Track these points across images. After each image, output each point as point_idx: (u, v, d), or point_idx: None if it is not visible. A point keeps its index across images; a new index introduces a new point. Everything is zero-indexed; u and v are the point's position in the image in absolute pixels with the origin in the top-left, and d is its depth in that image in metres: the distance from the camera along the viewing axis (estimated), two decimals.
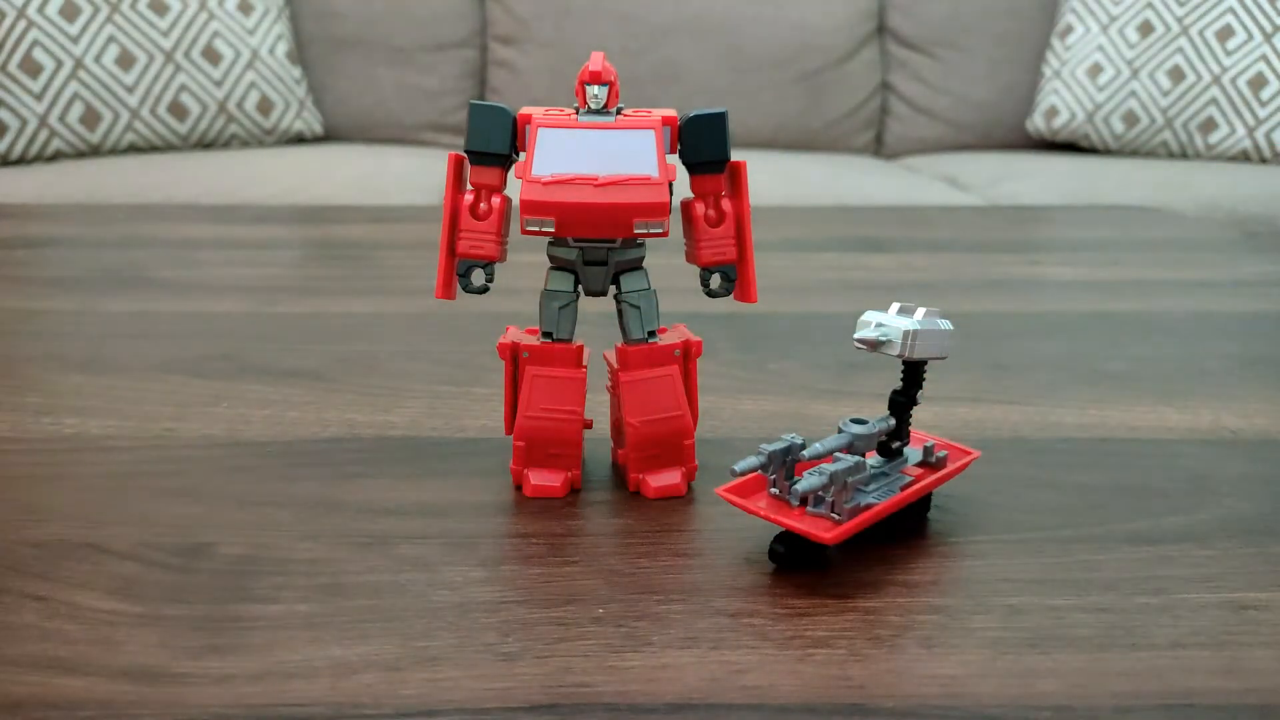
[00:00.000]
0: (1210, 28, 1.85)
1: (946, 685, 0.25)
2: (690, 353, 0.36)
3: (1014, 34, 2.04)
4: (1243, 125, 1.85)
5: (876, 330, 0.31)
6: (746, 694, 0.25)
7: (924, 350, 0.31)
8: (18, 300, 0.62)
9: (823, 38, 1.99)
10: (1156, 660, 0.26)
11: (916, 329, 0.31)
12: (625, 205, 0.32)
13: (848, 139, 2.05)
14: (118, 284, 0.66)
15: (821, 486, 0.29)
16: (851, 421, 0.32)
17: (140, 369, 0.49)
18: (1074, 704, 0.24)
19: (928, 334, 0.31)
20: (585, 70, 0.33)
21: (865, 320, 0.31)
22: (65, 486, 0.37)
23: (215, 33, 1.74)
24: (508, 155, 0.34)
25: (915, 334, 0.31)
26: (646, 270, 0.35)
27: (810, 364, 0.51)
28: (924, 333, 0.31)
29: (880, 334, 0.31)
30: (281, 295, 0.64)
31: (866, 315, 0.31)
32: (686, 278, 0.37)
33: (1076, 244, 0.88)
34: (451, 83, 1.98)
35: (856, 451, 0.31)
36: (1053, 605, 0.29)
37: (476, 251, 0.34)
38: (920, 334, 0.31)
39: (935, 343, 0.32)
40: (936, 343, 0.32)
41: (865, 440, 0.32)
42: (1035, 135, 2.01)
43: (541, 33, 1.95)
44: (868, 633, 0.27)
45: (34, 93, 1.62)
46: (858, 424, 0.32)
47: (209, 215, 0.93)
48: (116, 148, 1.70)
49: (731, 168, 0.35)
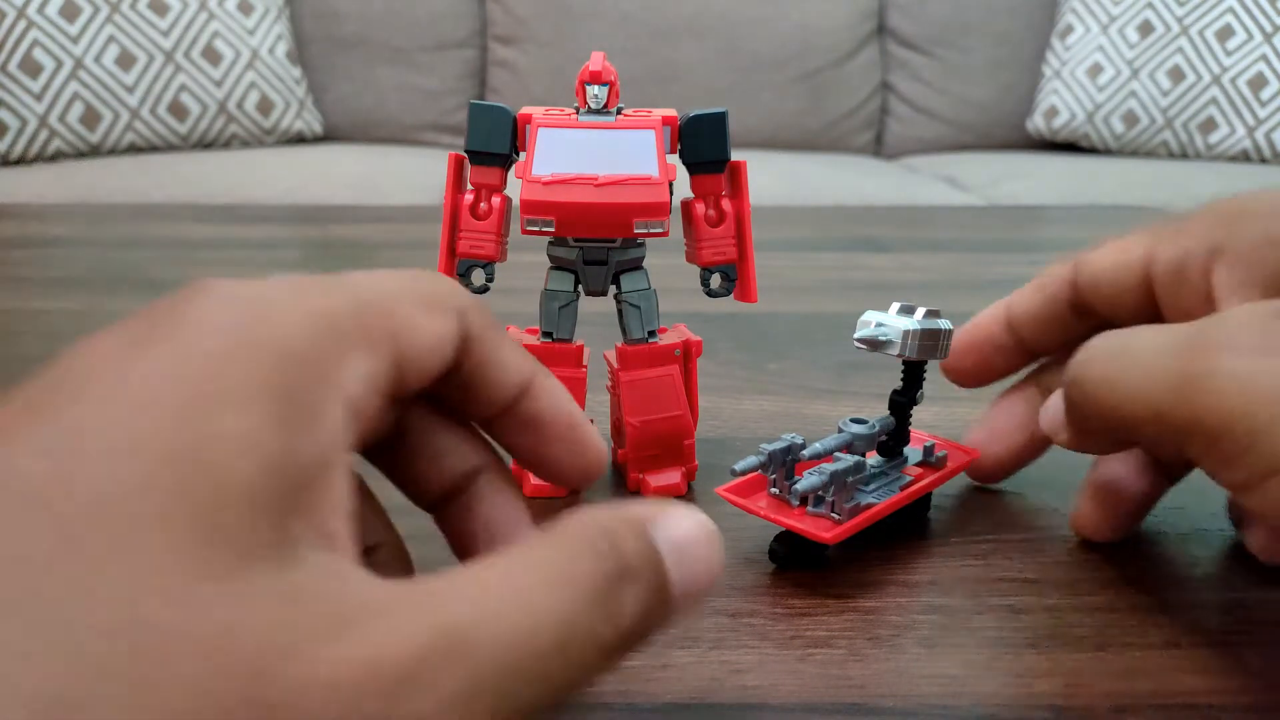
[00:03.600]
0: (1210, 28, 1.85)
1: (946, 685, 0.25)
2: (690, 352, 0.36)
3: (1014, 34, 2.04)
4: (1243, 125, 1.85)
5: (876, 330, 0.31)
6: (746, 694, 0.25)
7: (921, 350, 0.31)
8: (18, 300, 0.62)
9: (823, 38, 1.99)
10: (1154, 660, 0.26)
11: (916, 329, 0.31)
12: (625, 205, 0.32)
13: (848, 139, 2.05)
14: (118, 284, 0.66)
15: (821, 486, 0.29)
16: (851, 421, 0.32)
17: None
18: (1073, 704, 0.24)
19: (928, 334, 0.31)
20: (585, 70, 0.33)
21: (865, 320, 0.31)
22: None
23: (215, 33, 1.74)
24: (508, 155, 0.34)
25: (915, 334, 0.31)
26: (646, 270, 0.35)
27: (810, 364, 0.51)
28: (924, 332, 0.31)
29: (880, 334, 0.31)
30: None
31: (866, 315, 0.31)
32: (686, 278, 0.37)
33: (1076, 244, 0.87)
34: (451, 83, 1.99)
35: (856, 451, 0.31)
36: (1052, 605, 0.29)
37: (477, 251, 0.34)
38: (920, 333, 0.31)
39: (933, 343, 0.32)
40: (935, 343, 0.32)
41: (865, 440, 0.32)
42: (1035, 135, 2.01)
43: (541, 33, 1.95)
44: (868, 632, 0.27)
45: (34, 93, 1.62)
46: (858, 424, 0.32)
47: (209, 215, 0.93)
48: (116, 148, 1.70)
49: (732, 168, 0.35)
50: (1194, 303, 0.29)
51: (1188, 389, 0.23)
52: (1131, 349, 0.26)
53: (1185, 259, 0.30)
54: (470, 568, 0.17)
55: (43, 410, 0.17)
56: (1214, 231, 0.29)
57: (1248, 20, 1.82)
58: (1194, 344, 0.24)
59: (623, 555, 0.18)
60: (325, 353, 0.19)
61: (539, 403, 0.23)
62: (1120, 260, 0.32)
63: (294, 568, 0.16)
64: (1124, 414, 0.25)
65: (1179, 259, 0.30)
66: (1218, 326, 0.24)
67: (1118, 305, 0.32)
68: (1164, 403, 0.24)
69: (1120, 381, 0.25)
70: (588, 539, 0.18)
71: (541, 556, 0.18)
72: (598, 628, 0.17)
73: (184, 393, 0.17)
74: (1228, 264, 0.28)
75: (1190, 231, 0.30)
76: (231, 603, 0.15)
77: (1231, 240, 0.28)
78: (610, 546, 0.18)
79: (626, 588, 0.18)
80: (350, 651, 0.15)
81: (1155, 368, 0.24)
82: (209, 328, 0.18)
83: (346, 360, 0.19)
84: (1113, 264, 0.32)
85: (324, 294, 0.20)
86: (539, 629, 0.17)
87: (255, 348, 0.18)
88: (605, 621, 0.18)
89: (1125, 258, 0.32)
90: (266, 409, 0.17)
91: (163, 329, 0.18)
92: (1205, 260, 0.29)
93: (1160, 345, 0.25)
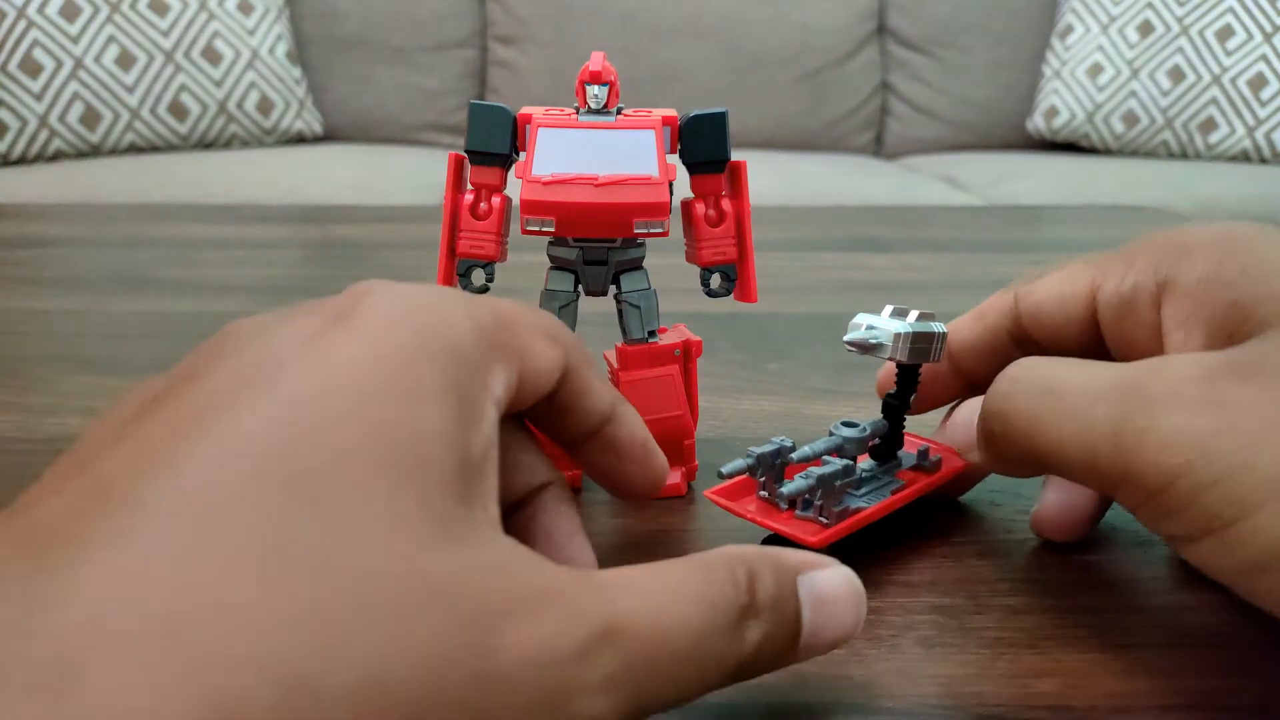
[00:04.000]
0: (1210, 28, 1.85)
1: (946, 685, 0.25)
2: (690, 353, 0.36)
3: (1014, 34, 2.04)
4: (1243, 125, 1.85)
5: (867, 333, 0.31)
6: (747, 694, 0.25)
7: (913, 354, 0.31)
8: (19, 300, 0.62)
9: (823, 38, 1.99)
10: (1155, 659, 0.26)
11: (908, 331, 0.31)
12: (625, 205, 0.32)
13: (848, 139, 2.05)
14: (119, 284, 0.66)
15: (808, 490, 0.29)
16: (843, 424, 0.32)
17: (144, 369, 0.49)
18: (1073, 704, 0.24)
19: (920, 337, 0.31)
20: (585, 70, 0.33)
21: (856, 323, 0.31)
22: None
23: (215, 33, 1.74)
24: (508, 155, 0.34)
25: (906, 336, 0.31)
26: (646, 270, 0.35)
27: (810, 364, 0.51)
28: (916, 335, 0.31)
29: (870, 336, 0.31)
30: (282, 295, 0.64)
31: (858, 318, 0.31)
32: (686, 278, 0.37)
33: (1076, 244, 0.88)
34: (451, 83, 1.99)
35: (847, 454, 0.31)
36: (1052, 605, 0.29)
37: (477, 251, 0.34)
38: (912, 336, 0.31)
39: (926, 346, 0.32)
40: (927, 346, 0.32)
41: (855, 444, 0.31)
42: (1035, 135, 2.01)
43: (541, 33, 1.95)
44: (868, 633, 0.27)
45: (34, 93, 1.62)
46: (848, 427, 0.32)
47: (209, 215, 0.93)
48: (116, 148, 1.70)
49: (732, 168, 0.35)
50: (1141, 336, 0.29)
51: (1125, 442, 0.23)
52: (1060, 389, 0.25)
53: (1134, 292, 0.29)
54: (627, 570, 0.20)
55: (254, 385, 0.18)
56: (1161, 265, 0.28)
57: (1248, 20, 1.82)
58: (1131, 394, 0.24)
59: (755, 593, 0.21)
60: (484, 358, 0.21)
61: (621, 429, 0.26)
62: (1063, 291, 0.31)
63: (489, 546, 0.18)
64: (1051, 457, 0.25)
65: (1128, 291, 0.29)
66: (1157, 377, 0.24)
67: (1060, 336, 0.31)
68: (1099, 452, 0.24)
69: (1049, 424, 0.25)
70: (729, 570, 0.21)
71: (688, 573, 0.20)
72: (723, 648, 0.20)
73: (381, 381, 0.19)
74: (1175, 298, 0.28)
75: (1138, 264, 0.29)
76: (452, 569, 0.17)
77: (1178, 276, 0.27)
78: (747, 581, 0.21)
79: (752, 622, 0.20)
80: (540, 626, 0.17)
81: (1090, 416, 0.24)
82: (393, 325, 0.20)
83: (494, 368, 0.21)
84: (1056, 294, 0.31)
85: (477, 305, 0.22)
86: (679, 634, 0.19)
87: (435, 348, 0.20)
88: (730, 645, 0.20)
89: (1069, 288, 0.31)
90: (449, 404, 0.19)
91: (348, 323, 0.20)
92: (1155, 293, 0.28)
93: (1094, 391, 0.24)
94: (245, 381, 0.18)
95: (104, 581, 0.15)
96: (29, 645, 0.14)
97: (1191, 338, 0.27)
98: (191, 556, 0.16)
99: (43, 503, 0.17)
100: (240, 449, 0.17)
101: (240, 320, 0.21)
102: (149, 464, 0.17)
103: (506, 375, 0.22)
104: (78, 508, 0.16)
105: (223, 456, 0.17)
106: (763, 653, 0.21)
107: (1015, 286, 0.33)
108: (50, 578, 0.15)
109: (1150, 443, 0.23)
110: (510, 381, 0.22)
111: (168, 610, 0.15)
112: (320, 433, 0.17)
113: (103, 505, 0.16)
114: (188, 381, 0.19)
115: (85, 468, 0.17)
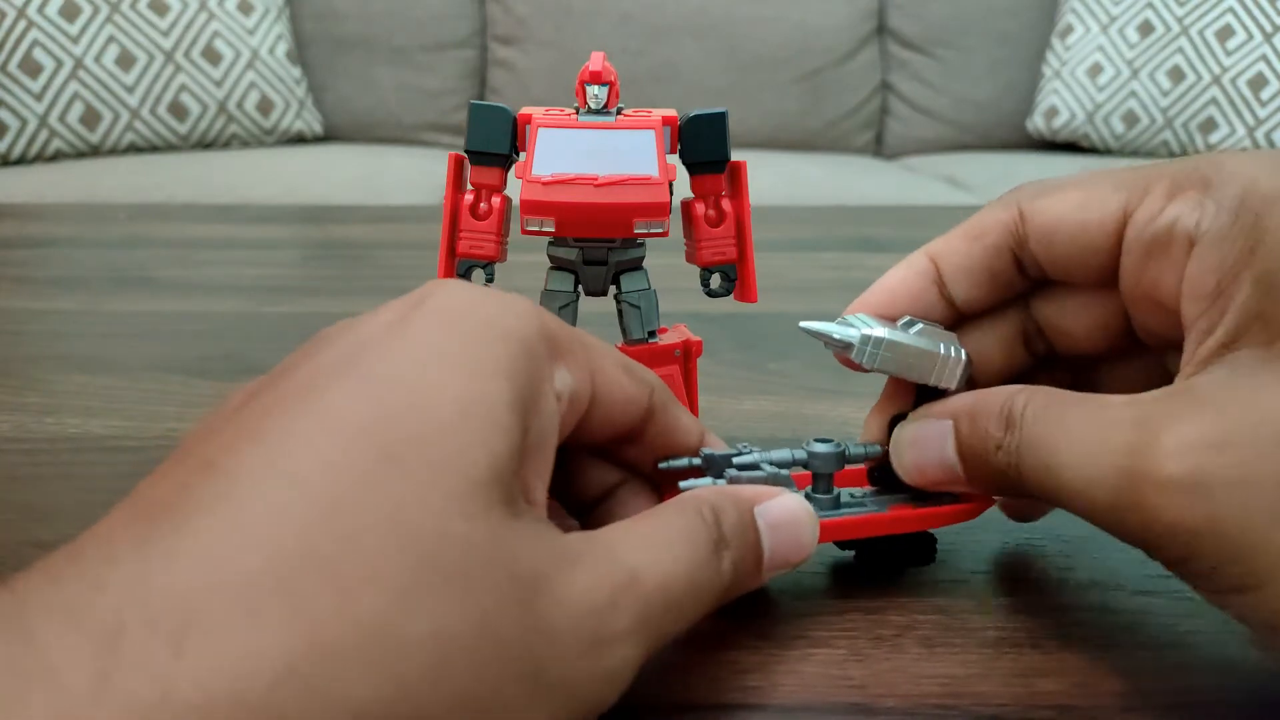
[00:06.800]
0: (1210, 28, 1.85)
1: (947, 684, 0.25)
2: (690, 353, 0.36)
3: (1014, 34, 2.04)
4: (1243, 125, 1.85)
5: (836, 324, 0.28)
6: (746, 694, 0.25)
7: (897, 366, 0.27)
8: (19, 300, 0.62)
9: (823, 38, 1.99)
10: (1159, 659, 0.26)
11: (885, 338, 0.27)
12: (625, 205, 0.32)
13: (848, 139, 2.05)
14: (119, 284, 0.66)
15: (692, 470, 0.28)
16: (816, 441, 0.29)
17: (143, 369, 0.49)
18: (1076, 703, 0.24)
19: (903, 350, 0.27)
20: (585, 70, 0.33)
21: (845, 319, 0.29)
22: (69, 487, 0.37)
23: (215, 33, 1.74)
24: (508, 155, 0.34)
25: (881, 342, 0.27)
26: (646, 270, 0.35)
27: (810, 364, 0.51)
28: (897, 345, 0.27)
29: (835, 329, 0.27)
30: (282, 295, 0.64)
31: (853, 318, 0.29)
32: (686, 278, 0.37)
33: None
34: (451, 83, 1.98)
35: (814, 470, 0.29)
36: (1053, 605, 0.29)
37: (477, 251, 0.34)
38: (890, 344, 0.27)
39: (915, 363, 0.28)
40: (917, 363, 0.28)
41: (822, 460, 0.29)
42: (1035, 135, 2.01)
43: (541, 33, 1.95)
44: (869, 632, 0.27)
45: (34, 93, 1.62)
46: (821, 444, 0.29)
47: (209, 215, 0.93)
48: (116, 148, 1.70)
49: (732, 168, 0.35)
50: (1167, 284, 0.25)
51: (1141, 494, 0.22)
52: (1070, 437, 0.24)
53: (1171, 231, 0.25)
54: (624, 524, 0.23)
55: (340, 368, 0.21)
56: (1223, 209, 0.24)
57: (1248, 20, 1.82)
58: (1138, 446, 0.22)
59: (721, 526, 0.24)
60: (548, 351, 0.23)
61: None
62: (1085, 217, 0.26)
63: (531, 517, 0.21)
64: (1062, 499, 0.24)
65: (1163, 229, 0.25)
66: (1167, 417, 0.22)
67: (1077, 267, 0.27)
68: (1119, 504, 0.23)
69: (1064, 470, 0.23)
70: (698, 510, 0.23)
71: (672, 518, 0.23)
72: (708, 579, 0.23)
73: (451, 359, 0.21)
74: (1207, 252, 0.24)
75: (1187, 196, 0.25)
76: (512, 534, 0.20)
77: (1261, 256, 0.22)
78: (714, 517, 0.24)
79: (725, 553, 0.23)
80: (580, 581, 0.20)
81: (1102, 464, 0.23)
82: (463, 312, 0.22)
83: (555, 365, 0.23)
84: (1076, 220, 0.26)
85: (549, 315, 0.24)
86: (679, 573, 0.22)
87: (500, 332, 0.22)
88: (712, 576, 0.23)
89: (1094, 214, 0.26)
90: (513, 386, 0.21)
91: (423, 308, 0.22)
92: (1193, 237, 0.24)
93: (1105, 441, 0.23)
94: (333, 366, 0.21)
95: (207, 542, 0.17)
96: (146, 600, 0.17)
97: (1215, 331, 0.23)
98: (282, 518, 0.18)
99: (152, 486, 0.19)
100: (326, 422, 0.19)
101: (333, 324, 0.23)
102: (245, 441, 0.19)
103: (570, 378, 0.24)
104: (182, 482, 0.19)
105: (310, 428, 0.19)
106: (735, 578, 0.24)
107: (1017, 198, 0.28)
108: (160, 541, 0.17)
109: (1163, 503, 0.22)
110: (575, 386, 0.24)
111: (262, 566, 0.17)
112: (398, 403, 0.20)
113: (203, 479, 0.19)
114: (282, 375, 0.21)
115: (189, 455, 0.20)
